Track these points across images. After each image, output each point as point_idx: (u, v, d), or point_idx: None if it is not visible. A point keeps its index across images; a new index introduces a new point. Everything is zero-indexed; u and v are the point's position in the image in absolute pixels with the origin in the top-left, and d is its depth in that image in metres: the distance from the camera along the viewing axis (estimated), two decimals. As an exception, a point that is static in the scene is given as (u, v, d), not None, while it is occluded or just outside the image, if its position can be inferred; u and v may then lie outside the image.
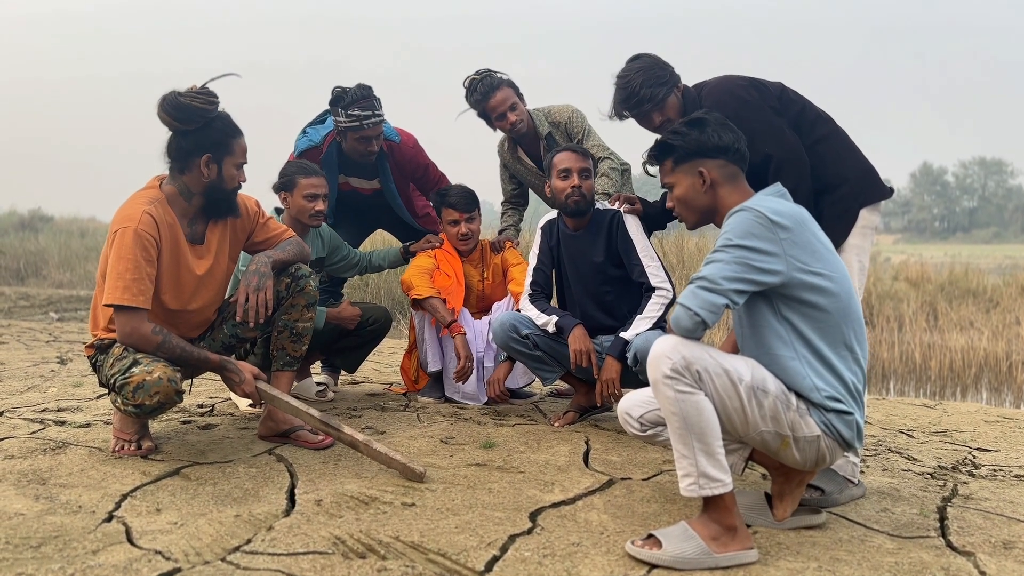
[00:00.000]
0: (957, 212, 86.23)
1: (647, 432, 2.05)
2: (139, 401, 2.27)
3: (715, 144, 1.96)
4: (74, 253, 13.70)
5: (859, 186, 2.45)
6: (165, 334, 2.38)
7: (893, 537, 1.96)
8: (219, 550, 1.77)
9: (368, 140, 3.43)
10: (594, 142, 3.60)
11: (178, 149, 2.44)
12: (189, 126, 2.40)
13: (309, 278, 2.72)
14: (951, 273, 10.76)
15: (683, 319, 1.77)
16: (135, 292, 2.32)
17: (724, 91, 2.49)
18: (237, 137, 2.48)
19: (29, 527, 1.85)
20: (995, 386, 5.85)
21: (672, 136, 2.00)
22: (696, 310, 1.76)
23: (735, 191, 1.98)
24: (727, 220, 1.87)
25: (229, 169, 2.47)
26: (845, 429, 1.86)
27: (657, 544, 1.77)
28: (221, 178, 2.46)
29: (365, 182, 3.72)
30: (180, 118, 2.38)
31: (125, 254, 2.33)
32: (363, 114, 3.35)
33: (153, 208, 2.41)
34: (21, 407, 3.16)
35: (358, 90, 3.37)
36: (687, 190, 1.99)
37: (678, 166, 2.00)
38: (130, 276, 2.32)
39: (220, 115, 2.45)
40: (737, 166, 1.98)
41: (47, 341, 5.46)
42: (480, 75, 3.53)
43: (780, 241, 1.79)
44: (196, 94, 2.37)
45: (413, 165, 3.72)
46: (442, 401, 3.49)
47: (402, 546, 1.81)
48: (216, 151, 2.43)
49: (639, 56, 2.70)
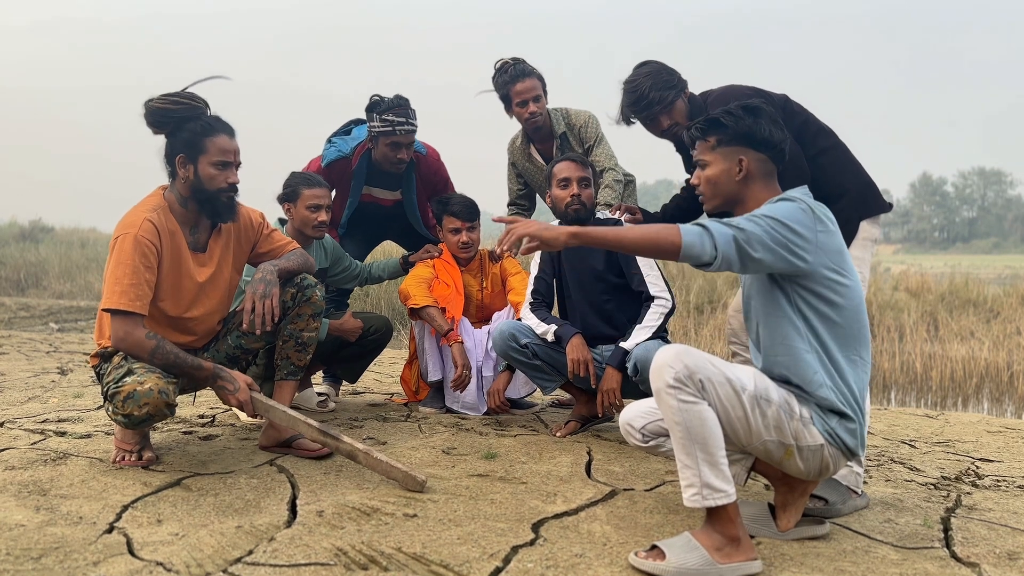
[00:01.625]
0: (957, 222, 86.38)
1: (649, 443, 2.04)
2: (128, 411, 2.27)
3: (764, 137, 1.94)
4: (74, 264, 13.71)
5: (859, 199, 2.47)
6: (159, 340, 2.38)
7: (897, 548, 1.96)
8: (220, 561, 1.76)
9: (399, 147, 3.45)
10: (603, 151, 3.61)
11: (164, 155, 2.50)
12: (162, 130, 2.46)
13: (315, 288, 2.72)
14: (951, 283, 10.77)
15: (703, 242, 1.73)
16: (132, 297, 2.33)
17: (731, 97, 2.50)
18: (211, 136, 2.45)
19: (30, 538, 1.84)
20: (996, 396, 5.84)
21: (725, 116, 1.96)
22: (722, 247, 1.73)
23: (766, 188, 1.97)
24: (770, 204, 1.86)
25: (205, 168, 2.45)
26: (848, 437, 1.86)
27: (661, 555, 1.77)
28: (199, 178, 2.46)
29: (388, 193, 3.74)
30: (152, 122, 2.45)
31: (124, 260, 2.34)
32: (397, 120, 3.40)
33: (155, 215, 2.43)
34: (22, 418, 3.15)
35: (395, 99, 3.43)
36: (720, 173, 1.97)
37: (720, 147, 1.97)
38: (128, 281, 2.33)
39: (197, 117, 2.46)
40: (775, 165, 1.98)
41: (47, 352, 5.45)
42: (514, 60, 3.56)
43: (817, 233, 1.82)
44: (163, 97, 2.42)
45: (436, 178, 3.75)
46: (443, 411, 3.49)
47: (404, 557, 1.80)
48: (188, 151, 2.45)
49: (646, 62, 2.73)
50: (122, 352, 2.42)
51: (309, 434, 2.44)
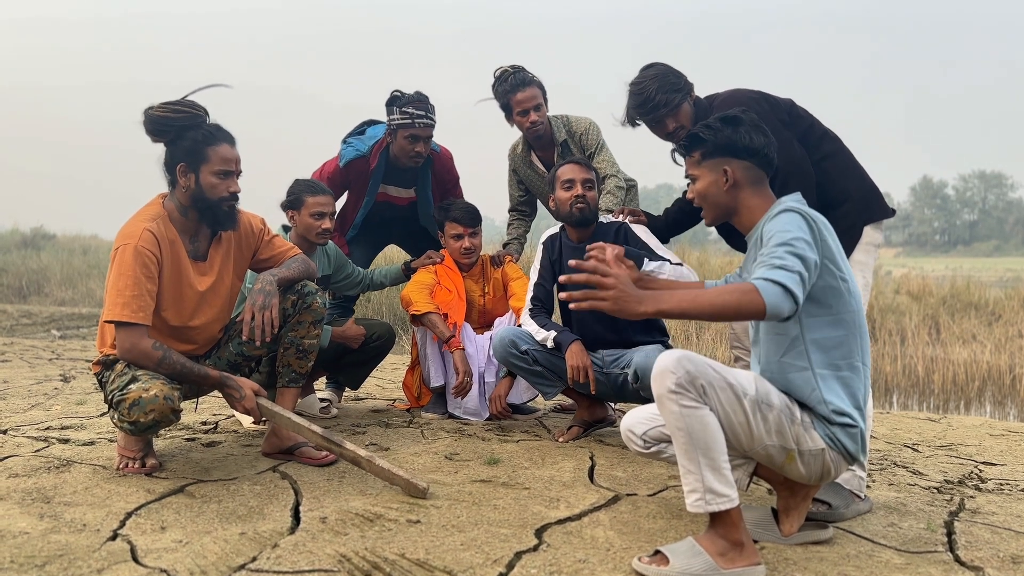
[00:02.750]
0: (958, 225, 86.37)
1: (651, 449, 2.04)
2: (134, 418, 2.28)
3: (745, 145, 1.95)
4: (76, 271, 13.71)
5: (863, 203, 2.48)
6: (165, 350, 2.38)
7: (901, 552, 1.96)
8: (224, 568, 1.76)
9: (417, 140, 3.50)
10: (604, 158, 3.62)
11: (164, 163, 2.50)
12: (162, 138, 2.46)
13: (316, 295, 2.72)
14: (953, 286, 10.75)
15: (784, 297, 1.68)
16: (135, 308, 2.34)
17: (736, 102, 2.51)
18: (213, 144, 2.46)
19: (34, 546, 1.85)
20: (999, 399, 5.83)
21: (704, 130, 1.99)
22: (798, 294, 1.70)
23: (756, 195, 1.98)
24: (776, 220, 1.86)
25: (207, 177, 2.46)
26: (849, 442, 1.86)
27: (664, 560, 1.77)
28: (200, 187, 2.46)
29: (402, 191, 3.78)
30: (151, 130, 2.45)
31: (125, 271, 2.35)
32: (416, 112, 3.45)
33: (154, 225, 2.43)
34: (25, 425, 3.16)
35: (415, 94, 3.50)
36: (709, 186, 2.00)
37: (704, 160, 2.00)
38: (130, 293, 2.34)
39: (198, 125, 2.46)
40: (763, 171, 1.98)
41: (50, 359, 5.46)
42: (514, 69, 3.58)
43: (815, 236, 1.84)
44: (163, 105, 2.42)
45: (448, 177, 3.81)
46: (446, 417, 3.49)
47: (408, 563, 1.80)
48: (190, 160, 2.45)
49: (653, 64, 2.73)
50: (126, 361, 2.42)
51: (313, 439, 2.45)
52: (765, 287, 1.68)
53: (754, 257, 1.96)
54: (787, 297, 1.68)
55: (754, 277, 1.71)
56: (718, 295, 1.68)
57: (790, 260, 1.74)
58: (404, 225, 3.91)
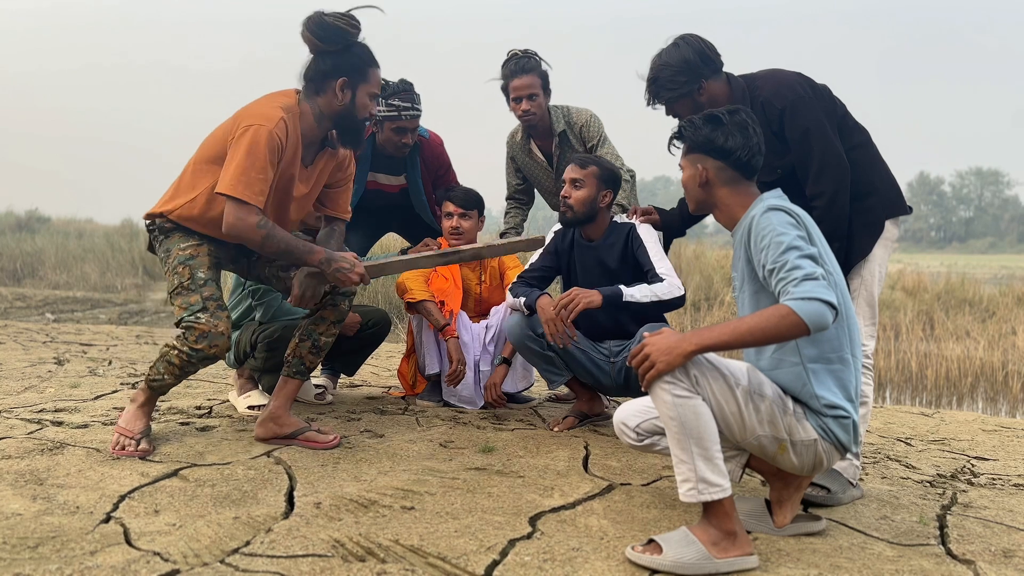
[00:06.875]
0: (953, 222, 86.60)
1: (644, 442, 2.04)
2: (200, 347, 2.39)
3: (718, 145, 1.96)
4: (71, 254, 13.66)
5: (887, 197, 2.46)
6: (270, 227, 2.40)
7: (893, 545, 1.97)
8: (218, 552, 1.76)
9: (403, 131, 3.48)
10: (607, 151, 3.60)
11: (316, 71, 2.48)
12: (331, 47, 2.45)
13: (347, 298, 2.72)
14: (947, 283, 10.80)
15: (820, 307, 1.69)
16: (256, 191, 2.36)
17: (781, 83, 2.45)
18: (374, 67, 2.52)
19: (27, 527, 1.84)
20: (991, 396, 5.85)
21: (686, 125, 2.03)
22: (830, 298, 1.70)
23: (734, 194, 2.00)
24: (765, 222, 1.86)
25: (363, 97, 2.50)
26: (842, 432, 1.86)
27: (657, 549, 1.77)
28: (354, 104, 2.49)
29: (392, 178, 3.75)
30: (323, 37, 2.43)
31: (257, 151, 2.35)
32: (403, 105, 3.42)
33: (289, 117, 2.44)
34: (18, 407, 3.15)
35: (400, 83, 3.45)
36: (688, 179, 2.06)
37: (687, 154, 2.06)
38: (254, 173, 2.35)
39: (360, 43, 2.48)
40: (738, 172, 1.98)
41: (44, 342, 5.44)
42: (521, 53, 3.55)
43: (806, 232, 1.88)
44: (340, 16, 2.41)
45: (438, 163, 3.77)
46: (441, 405, 3.49)
47: (402, 549, 1.80)
48: (353, 76, 2.47)
49: (678, 43, 2.53)
50: (179, 240, 2.47)
51: (428, 265, 2.79)
52: (800, 307, 1.69)
53: (743, 256, 1.95)
54: (825, 307, 1.69)
55: (786, 299, 1.72)
56: (756, 323, 1.72)
57: (807, 265, 1.75)
58: (400, 213, 3.89)
